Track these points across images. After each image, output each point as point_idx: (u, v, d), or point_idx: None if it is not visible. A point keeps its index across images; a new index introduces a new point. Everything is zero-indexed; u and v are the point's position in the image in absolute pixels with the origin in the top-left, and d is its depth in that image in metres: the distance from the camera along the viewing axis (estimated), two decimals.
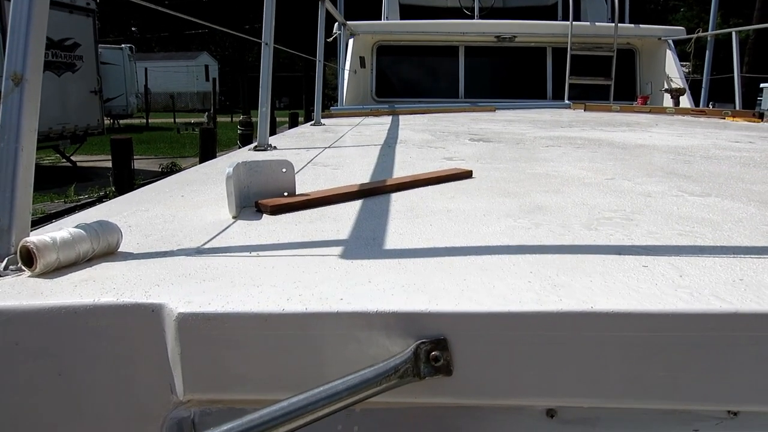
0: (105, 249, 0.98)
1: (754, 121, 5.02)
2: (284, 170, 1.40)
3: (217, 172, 1.85)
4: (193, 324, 0.72)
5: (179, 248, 1.01)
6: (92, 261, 0.94)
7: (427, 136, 3.11)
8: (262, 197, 1.36)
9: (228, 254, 0.97)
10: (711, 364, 0.69)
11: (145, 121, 24.03)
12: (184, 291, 0.78)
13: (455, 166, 1.82)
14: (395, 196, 1.43)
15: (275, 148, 2.70)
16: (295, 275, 0.83)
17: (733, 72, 5.78)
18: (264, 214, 1.28)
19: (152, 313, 0.75)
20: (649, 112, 5.75)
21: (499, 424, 0.75)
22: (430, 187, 1.55)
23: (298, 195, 1.40)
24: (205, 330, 0.72)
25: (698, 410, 0.74)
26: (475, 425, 0.74)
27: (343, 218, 1.21)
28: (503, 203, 1.33)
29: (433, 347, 0.68)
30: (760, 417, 0.77)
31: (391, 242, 1.00)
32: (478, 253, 0.92)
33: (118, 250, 1.00)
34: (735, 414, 0.76)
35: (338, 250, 0.96)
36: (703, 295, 0.72)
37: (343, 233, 1.08)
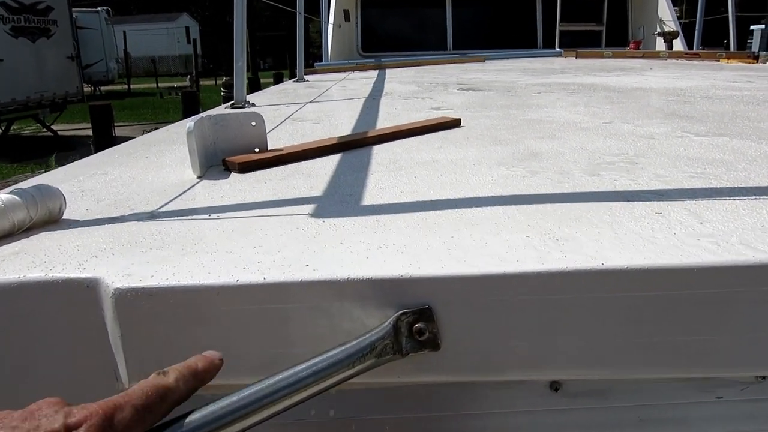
0: (46, 217, 0.86)
1: (749, 62, 4.88)
2: (254, 123, 1.27)
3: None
4: (134, 300, 0.61)
5: (131, 213, 0.89)
6: (31, 231, 0.82)
7: (414, 88, 2.96)
8: (231, 154, 1.24)
9: (184, 218, 0.86)
10: (740, 325, 0.59)
11: (126, 87, 23.43)
12: (126, 262, 0.67)
13: (443, 116, 1.70)
14: (377, 149, 1.31)
15: (253, 105, 2.55)
16: (256, 239, 0.72)
17: (722, 13, 5.59)
18: (232, 173, 1.16)
19: (87, 289, 0.63)
20: (643, 56, 5.58)
21: (495, 401, 0.65)
22: (415, 138, 1.43)
23: (271, 150, 1.27)
24: (147, 307, 0.61)
25: (723, 377, 0.65)
26: (467, 403, 0.65)
27: (318, 173, 1.09)
28: (495, 151, 1.21)
29: (416, 318, 0.58)
30: None
31: (370, 198, 0.89)
32: (467, 205, 0.80)
33: (63, 217, 0.88)
34: (763, 378, 0.66)
35: (309, 208, 0.85)
36: (730, 243, 0.61)
37: (317, 190, 0.97)
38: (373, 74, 4.31)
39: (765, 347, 0.61)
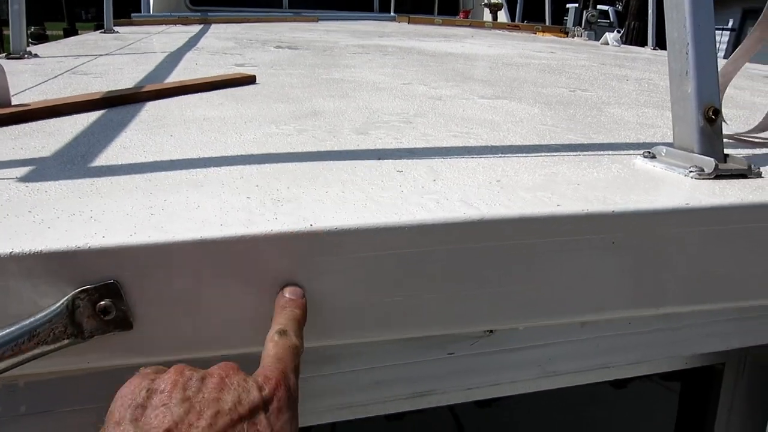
0: None
1: (561, 36, 5.31)
2: None
3: None
4: None
5: None
6: None
7: (230, 44, 2.78)
8: None
9: None
10: (464, 283, 0.59)
11: None
12: None
13: (239, 72, 1.59)
14: (150, 105, 1.18)
15: (36, 55, 2.23)
16: None
17: None
18: None
19: None
20: (470, 25, 5.83)
21: None
22: (198, 95, 1.31)
23: (14, 106, 1.09)
24: None
25: (454, 333, 0.65)
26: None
27: (62, 132, 0.95)
28: (276, 109, 1.14)
29: (100, 296, 0.50)
30: (515, 332, 0.71)
31: (105, 159, 0.78)
32: (206, 165, 0.73)
33: None
34: (491, 332, 0.68)
35: (22, 172, 0.72)
36: (450, 201, 0.60)
37: (49, 150, 0.83)
38: (196, 29, 4.01)
39: (492, 302, 0.62)
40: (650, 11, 4.23)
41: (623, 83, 1.84)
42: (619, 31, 4.42)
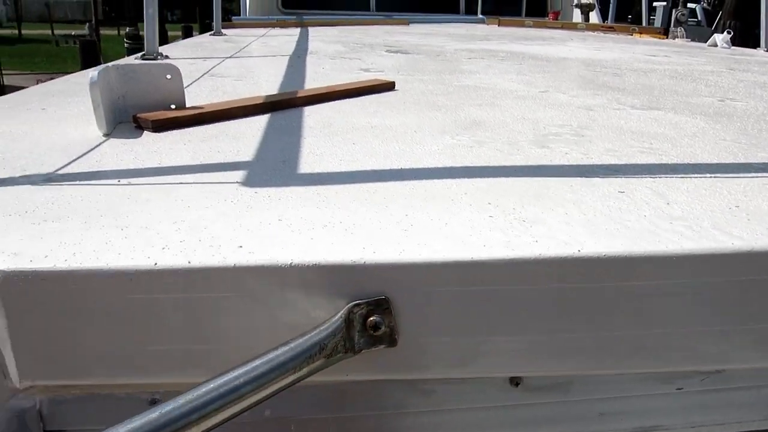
0: None
1: (660, 38, 5.10)
2: (169, 77, 1.13)
3: None
4: (23, 286, 0.49)
5: (23, 175, 0.75)
6: None
7: (340, 48, 2.83)
8: (143, 110, 1.09)
9: (88, 182, 0.73)
10: (708, 318, 0.56)
11: (17, 32, 21.38)
12: (14, 237, 0.54)
13: (375, 77, 1.60)
14: (308, 110, 1.21)
15: (167, 57, 2.33)
16: (177, 212, 0.61)
17: None
18: (144, 131, 1.02)
19: None
20: (561, 27, 5.69)
21: (451, 397, 0.59)
22: (347, 101, 1.33)
23: (189, 108, 1.14)
24: (41, 293, 0.49)
25: (685, 371, 0.62)
26: (421, 400, 0.58)
27: (245, 136, 0.98)
28: (435, 118, 1.14)
29: (371, 310, 0.50)
30: (747, 371, 0.66)
31: (307, 166, 0.80)
32: (416, 177, 0.73)
33: None
34: (722, 370, 0.64)
35: (238, 176, 0.74)
36: (704, 228, 0.58)
37: (245, 154, 0.86)
38: (295, 32, 4.10)
39: (728, 342, 0.58)
40: (763, 10, 3.96)
41: None
42: (729, 32, 4.18)
